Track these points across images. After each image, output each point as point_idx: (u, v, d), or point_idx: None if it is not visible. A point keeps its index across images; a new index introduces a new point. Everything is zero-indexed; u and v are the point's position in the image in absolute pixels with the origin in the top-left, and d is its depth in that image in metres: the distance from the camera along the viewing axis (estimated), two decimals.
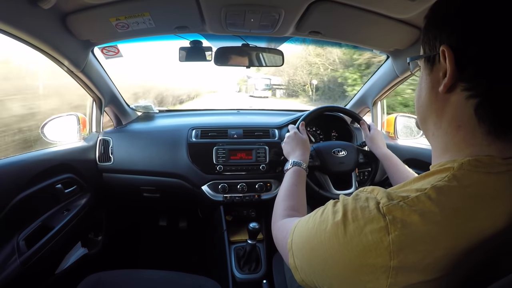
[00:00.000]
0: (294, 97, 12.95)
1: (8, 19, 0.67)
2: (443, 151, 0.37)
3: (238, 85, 17.11)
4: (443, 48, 0.33)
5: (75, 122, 1.15)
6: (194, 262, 1.49)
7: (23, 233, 0.83)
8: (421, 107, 0.40)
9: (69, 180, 1.04)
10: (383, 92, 1.29)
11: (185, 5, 0.83)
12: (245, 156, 1.16)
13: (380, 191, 0.34)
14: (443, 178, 0.32)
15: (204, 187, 1.15)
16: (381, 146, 0.97)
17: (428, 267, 0.29)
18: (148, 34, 0.99)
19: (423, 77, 0.39)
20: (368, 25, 0.93)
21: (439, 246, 0.29)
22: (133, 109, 1.42)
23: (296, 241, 0.41)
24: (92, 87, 1.11)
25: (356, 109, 1.46)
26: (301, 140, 0.87)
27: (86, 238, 1.24)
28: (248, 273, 1.04)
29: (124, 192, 1.29)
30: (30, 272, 0.81)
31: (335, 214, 0.35)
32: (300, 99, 12.19)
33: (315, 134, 1.35)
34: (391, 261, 0.29)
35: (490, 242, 0.30)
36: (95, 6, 0.80)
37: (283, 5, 0.82)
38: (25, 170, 0.85)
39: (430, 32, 0.37)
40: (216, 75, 16.48)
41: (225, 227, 1.16)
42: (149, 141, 1.20)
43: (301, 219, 0.43)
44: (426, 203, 0.30)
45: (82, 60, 0.99)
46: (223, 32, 1.01)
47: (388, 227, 0.30)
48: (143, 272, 0.87)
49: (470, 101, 0.33)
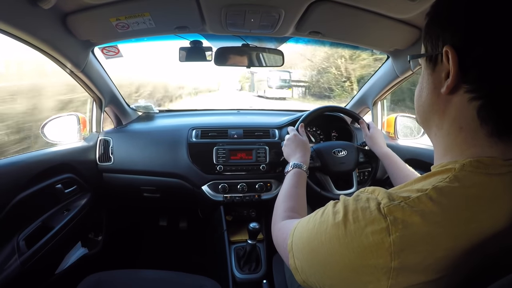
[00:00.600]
0: (325, 99, 9.03)
1: (8, 19, 0.67)
2: (444, 152, 0.37)
3: (240, 83, 15.17)
4: (446, 49, 0.33)
5: (75, 122, 1.15)
6: (194, 262, 1.49)
7: (23, 233, 0.83)
8: (422, 107, 0.39)
9: (69, 180, 1.04)
10: (383, 92, 1.29)
11: (185, 5, 0.83)
12: (245, 156, 1.15)
13: (381, 191, 0.34)
14: (444, 179, 0.32)
15: (204, 187, 1.15)
16: (381, 145, 0.97)
17: (429, 267, 0.29)
18: (148, 34, 0.99)
19: (425, 77, 0.38)
20: (368, 25, 0.93)
21: (440, 246, 0.29)
22: (133, 109, 1.42)
23: (296, 242, 0.41)
24: (92, 87, 1.11)
25: (356, 109, 1.46)
26: (301, 142, 0.87)
27: (86, 238, 1.24)
28: (248, 273, 1.04)
29: (124, 192, 1.29)
30: (30, 272, 0.80)
31: (335, 215, 0.35)
32: (337, 101, 8.31)
33: (315, 134, 1.35)
34: (392, 262, 0.29)
35: (491, 243, 0.30)
36: (95, 6, 0.80)
37: (283, 5, 0.82)
38: (25, 170, 0.85)
39: (432, 31, 0.36)
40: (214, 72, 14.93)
41: (225, 227, 1.16)
42: (149, 141, 1.20)
43: (301, 220, 0.43)
44: (427, 204, 0.30)
45: (82, 60, 0.99)
46: (223, 32, 1.01)
47: (389, 228, 0.30)
48: (143, 272, 0.87)
49: (473, 103, 0.32)
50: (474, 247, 0.29)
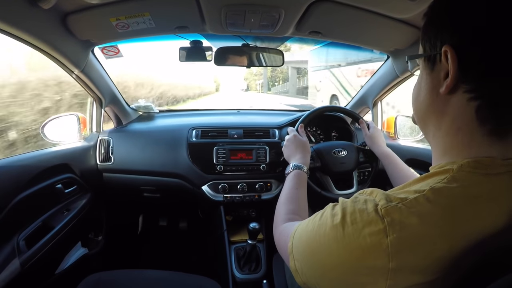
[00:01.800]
0: None
1: (8, 19, 0.67)
2: (443, 153, 0.37)
3: (246, 81, 13.56)
4: (445, 49, 0.33)
5: (75, 122, 1.16)
6: (194, 262, 1.49)
7: (23, 233, 0.83)
8: (420, 107, 0.39)
9: (69, 180, 1.04)
10: (383, 92, 1.29)
11: (185, 5, 0.83)
12: (245, 156, 1.15)
13: (379, 193, 0.34)
14: (442, 180, 0.32)
15: (204, 187, 1.15)
16: (380, 144, 0.97)
17: (427, 268, 0.29)
18: (148, 34, 0.99)
19: (423, 77, 0.38)
20: (368, 25, 0.93)
21: (438, 247, 0.29)
22: (133, 109, 1.42)
23: (296, 245, 0.41)
24: (92, 87, 1.11)
25: (356, 109, 1.46)
26: (300, 143, 0.87)
27: (86, 238, 1.24)
28: (248, 273, 1.04)
29: (124, 192, 1.29)
30: (30, 272, 0.80)
31: (333, 217, 0.35)
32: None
33: (315, 134, 1.35)
34: (390, 263, 0.29)
35: (489, 243, 0.30)
36: (95, 6, 0.80)
37: (283, 5, 0.82)
38: (25, 170, 0.85)
39: (430, 30, 0.36)
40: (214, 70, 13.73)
41: (225, 227, 1.16)
42: (149, 141, 1.20)
43: (301, 223, 0.43)
44: (425, 205, 0.30)
45: (82, 60, 0.99)
46: (223, 32, 1.01)
47: (387, 229, 0.30)
48: (143, 272, 0.87)
49: (471, 103, 0.32)
50: (472, 247, 0.29)
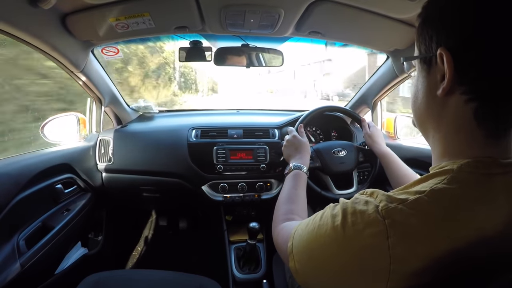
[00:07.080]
0: None
1: (8, 19, 0.67)
2: (442, 154, 0.37)
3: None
4: (441, 51, 0.32)
5: (75, 122, 1.16)
6: (194, 262, 1.49)
7: (23, 233, 0.83)
8: (418, 110, 0.39)
9: (69, 180, 1.04)
10: (383, 92, 1.29)
11: (185, 5, 0.83)
12: (245, 156, 1.15)
13: (379, 194, 0.34)
14: (442, 180, 0.32)
15: (204, 187, 1.15)
16: (380, 143, 0.97)
17: (428, 269, 0.29)
18: (148, 34, 0.99)
19: (419, 79, 0.38)
20: (368, 25, 0.93)
21: (439, 248, 0.29)
22: (133, 109, 1.42)
23: (296, 245, 0.41)
24: (92, 87, 1.11)
25: (356, 109, 1.46)
26: (300, 143, 0.87)
27: (86, 238, 1.24)
28: (248, 273, 1.04)
29: (124, 192, 1.29)
30: (30, 272, 0.80)
31: (334, 217, 0.35)
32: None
33: (315, 134, 1.35)
34: (391, 264, 0.29)
35: (490, 243, 0.30)
36: (95, 6, 0.80)
37: (283, 5, 0.82)
38: (25, 170, 0.85)
39: (425, 32, 0.36)
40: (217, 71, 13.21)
41: (225, 227, 1.16)
42: (149, 141, 1.20)
43: (301, 223, 0.43)
44: (425, 206, 0.30)
45: (82, 60, 0.99)
46: (223, 32, 1.01)
47: (387, 230, 0.30)
48: (143, 272, 0.87)
49: (469, 104, 0.32)
50: (473, 248, 0.29)
